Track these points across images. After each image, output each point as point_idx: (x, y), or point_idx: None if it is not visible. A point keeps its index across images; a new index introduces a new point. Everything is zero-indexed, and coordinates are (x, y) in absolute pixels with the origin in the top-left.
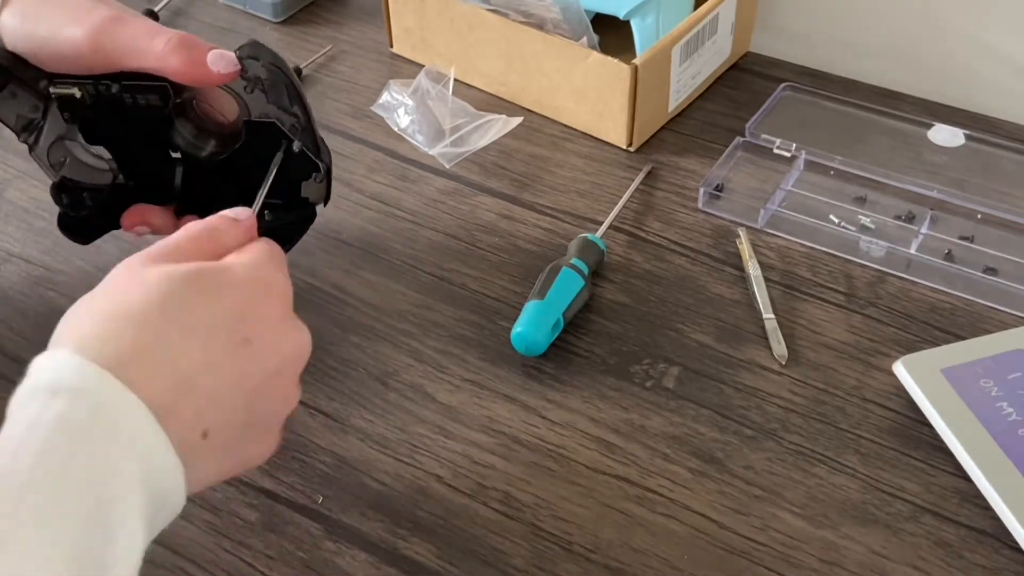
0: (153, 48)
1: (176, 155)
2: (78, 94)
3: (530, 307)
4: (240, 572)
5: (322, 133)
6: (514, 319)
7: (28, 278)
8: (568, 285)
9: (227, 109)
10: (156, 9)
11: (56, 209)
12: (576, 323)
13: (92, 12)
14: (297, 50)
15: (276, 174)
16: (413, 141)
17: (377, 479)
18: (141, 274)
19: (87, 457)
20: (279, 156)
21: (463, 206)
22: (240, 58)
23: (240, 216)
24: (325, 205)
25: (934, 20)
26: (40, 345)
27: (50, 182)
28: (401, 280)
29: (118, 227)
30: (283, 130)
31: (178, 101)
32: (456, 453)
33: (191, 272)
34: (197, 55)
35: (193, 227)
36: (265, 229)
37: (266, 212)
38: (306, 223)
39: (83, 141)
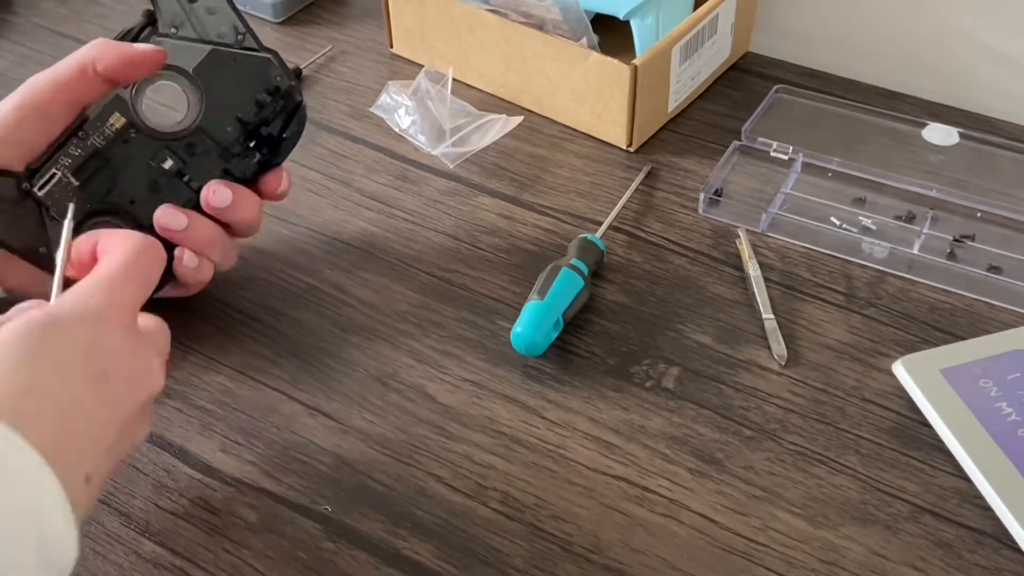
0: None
1: (165, 165)
2: (57, 173)
3: (530, 307)
4: (240, 572)
5: (323, 134)
6: (514, 319)
7: None
8: (568, 285)
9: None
10: None
11: None
12: (576, 323)
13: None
14: (297, 50)
15: (236, 96)
16: (415, 142)
17: (377, 479)
18: None
19: None
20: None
21: (463, 206)
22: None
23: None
24: (301, 98)
25: (934, 20)
26: None
27: None
28: (401, 280)
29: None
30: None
31: (133, 92)
32: (456, 453)
33: (21, 327)
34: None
35: None
36: (265, 155)
37: (253, 148)
38: (294, 117)
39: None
